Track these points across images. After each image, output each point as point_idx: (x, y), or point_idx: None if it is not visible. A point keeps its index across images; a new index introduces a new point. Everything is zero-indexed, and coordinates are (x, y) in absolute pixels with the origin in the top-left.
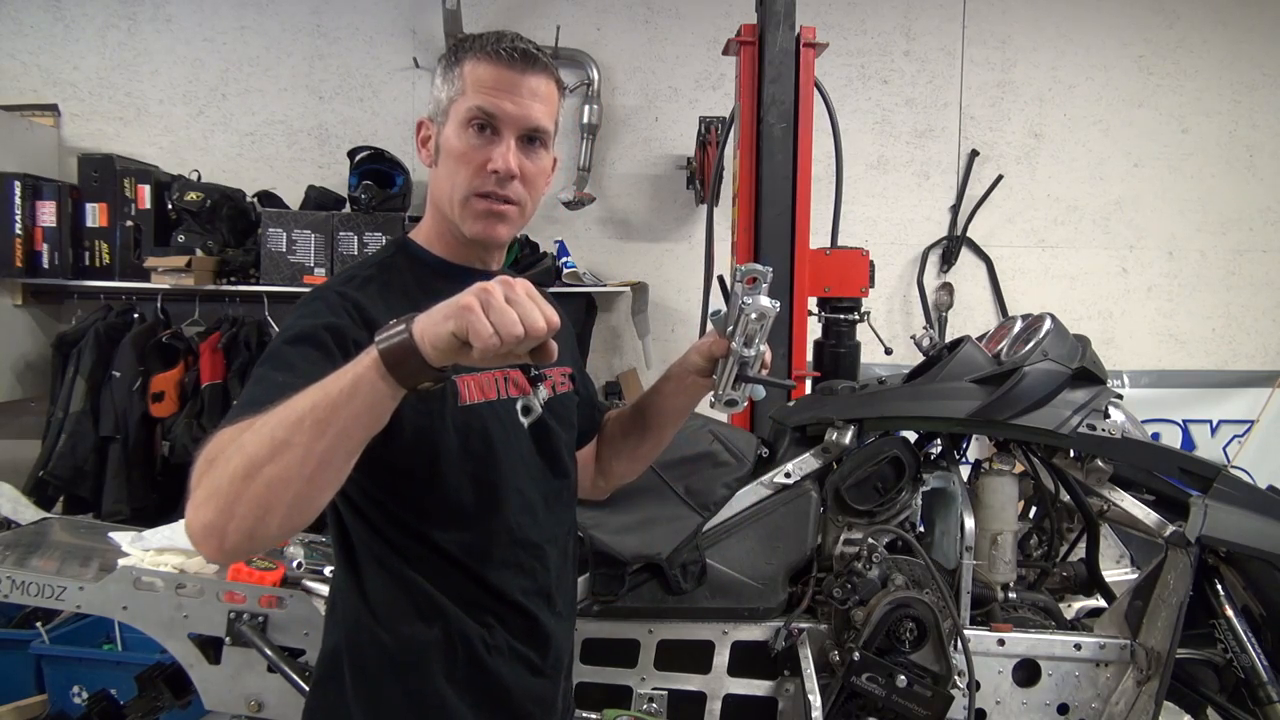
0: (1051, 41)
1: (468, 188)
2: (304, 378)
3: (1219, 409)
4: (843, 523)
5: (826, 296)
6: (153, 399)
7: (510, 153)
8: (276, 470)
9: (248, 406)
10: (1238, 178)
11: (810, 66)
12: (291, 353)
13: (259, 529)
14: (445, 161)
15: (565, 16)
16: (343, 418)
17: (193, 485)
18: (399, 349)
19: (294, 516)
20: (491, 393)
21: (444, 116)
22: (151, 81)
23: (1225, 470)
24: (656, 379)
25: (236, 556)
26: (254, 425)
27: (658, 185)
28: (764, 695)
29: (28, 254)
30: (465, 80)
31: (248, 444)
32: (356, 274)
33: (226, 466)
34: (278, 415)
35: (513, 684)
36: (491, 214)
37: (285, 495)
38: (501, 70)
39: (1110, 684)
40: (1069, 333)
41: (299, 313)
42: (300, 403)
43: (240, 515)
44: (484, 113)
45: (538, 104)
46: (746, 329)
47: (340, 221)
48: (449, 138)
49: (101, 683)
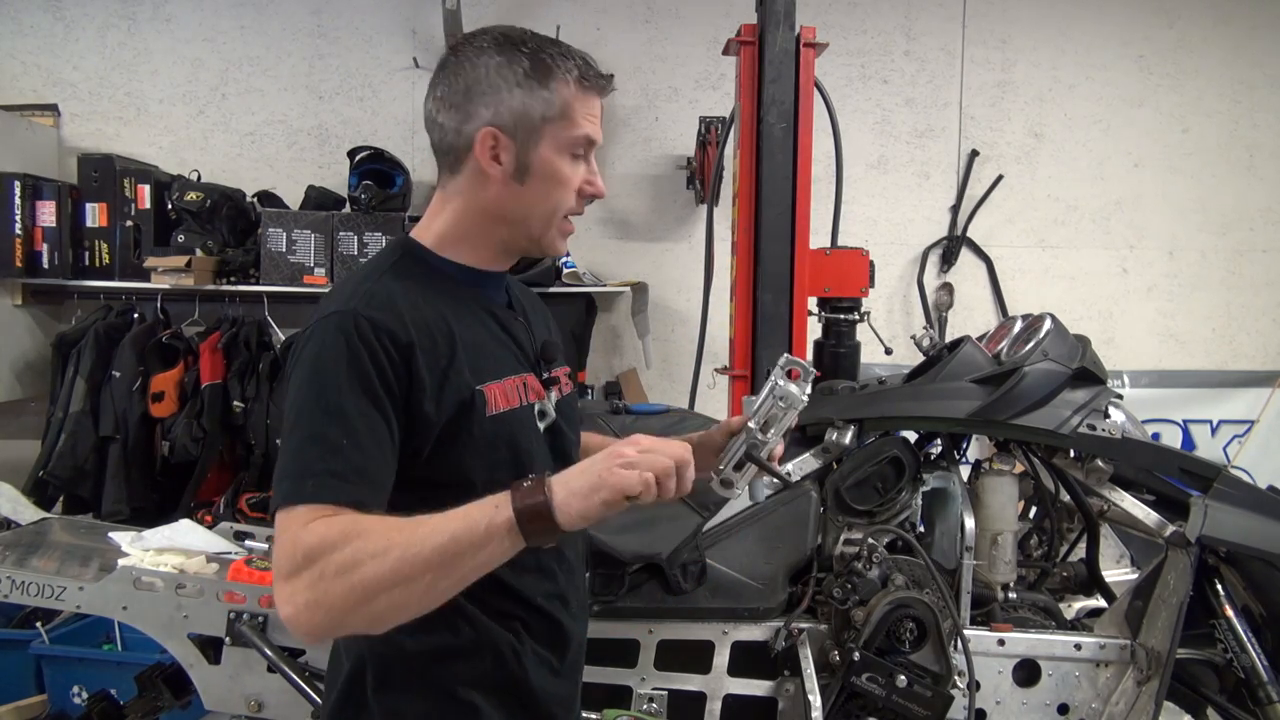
0: (1051, 41)
1: (566, 210)
2: (361, 436)
3: (1219, 409)
4: (843, 523)
5: (826, 296)
6: (153, 399)
7: (597, 175)
8: (398, 599)
9: (321, 476)
10: (1238, 178)
11: (810, 66)
12: (344, 402)
13: (368, 632)
14: (541, 184)
15: (565, 16)
16: (468, 565)
17: (282, 569)
18: (536, 516)
19: (398, 624)
20: (515, 400)
21: (535, 136)
22: (151, 81)
23: (1225, 470)
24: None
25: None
26: (364, 537)
27: (658, 185)
28: (764, 695)
29: (28, 254)
30: (567, 105)
31: (366, 567)
32: (375, 290)
33: (339, 582)
34: (400, 548)
35: (539, 687)
36: (569, 232)
37: (403, 616)
38: (596, 99)
39: (1110, 684)
40: (1069, 333)
41: (331, 342)
42: (426, 541)
43: (352, 625)
44: (591, 141)
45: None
46: (769, 413)
47: (340, 221)
48: (550, 161)
49: (101, 683)
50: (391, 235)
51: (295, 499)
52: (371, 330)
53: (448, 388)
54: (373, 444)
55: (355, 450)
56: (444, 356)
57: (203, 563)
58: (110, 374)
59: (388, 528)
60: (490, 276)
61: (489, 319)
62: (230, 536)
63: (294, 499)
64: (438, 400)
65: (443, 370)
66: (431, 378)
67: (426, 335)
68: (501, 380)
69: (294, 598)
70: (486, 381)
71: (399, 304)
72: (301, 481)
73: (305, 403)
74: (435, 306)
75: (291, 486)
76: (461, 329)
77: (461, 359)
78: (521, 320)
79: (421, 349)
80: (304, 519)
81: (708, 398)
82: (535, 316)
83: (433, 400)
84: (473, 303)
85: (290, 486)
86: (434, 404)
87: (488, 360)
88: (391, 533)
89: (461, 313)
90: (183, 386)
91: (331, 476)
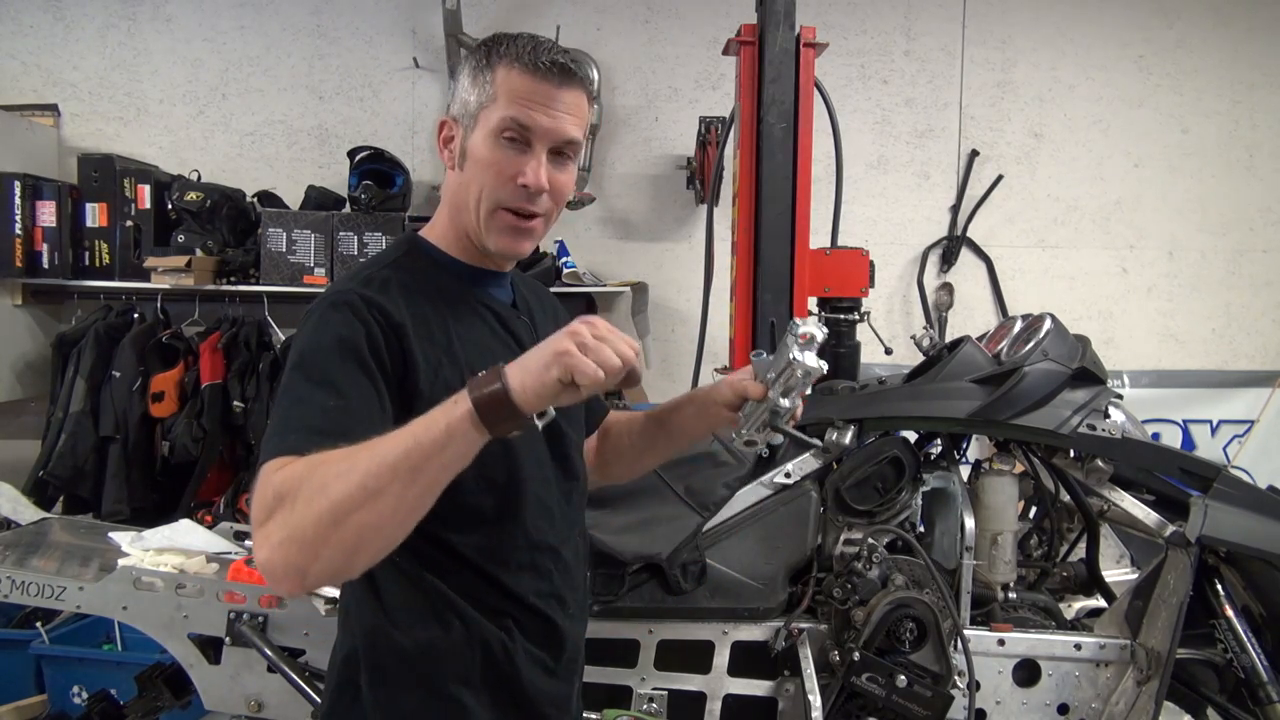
0: (1051, 41)
1: (494, 199)
2: (350, 400)
3: (1219, 409)
4: (843, 523)
5: (826, 296)
6: (153, 399)
7: (541, 167)
8: (368, 517)
9: (303, 432)
10: (1238, 178)
11: (810, 66)
12: (333, 370)
13: (345, 568)
14: (472, 168)
15: (565, 16)
16: (434, 466)
17: (258, 518)
18: (493, 400)
19: (379, 555)
20: None
21: (472, 121)
22: (151, 81)
23: (1225, 470)
24: (678, 396)
25: (315, 590)
26: (329, 463)
27: (658, 185)
28: (764, 695)
29: (28, 254)
30: (498, 88)
31: (332, 488)
32: (374, 275)
33: (309, 509)
34: (364, 461)
35: (531, 686)
36: (517, 230)
37: (375, 539)
38: (538, 82)
39: (1110, 684)
40: (1069, 333)
41: (324, 318)
42: (389, 450)
43: (326, 557)
44: (518, 125)
45: (571, 118)
46: (789, 382)
47: (340, 221)
48: (477, 144)
49: (101, 683)
50: (392, 235)
51: (277, 452)
52: (365, 305)
53: (441, 374)
54: (362, 408)
55: (343, 413)
56: (439, 346)
57: (203, 563)
58: (110, 374)
59: (351, 450)
60: (491, 275)
61: (490, 316)
62: (230, 536)
63: (276, 452)
64: (432, 382)
65: (438, 357)
66: (426, 362)
67: (422, 322)
68: None
69: (269, 538)
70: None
71: (396, 292)
72: (283, 437)
73: (296, 373)
74: (434, 300)
75: (274, 443)
76: (459, 325)
77: (458, 351)
78: (525, 320)
79: (416, 334)
80: (279, 465)
81: None
82: (542, 316)
83: (427, 381)
84: (473, 300)
85: (273, 443)
86: (429, 385)
87: (484, 356)
88: (356, 452)
89: (461, 310)
90: (183, 386)
91: (315, 433)
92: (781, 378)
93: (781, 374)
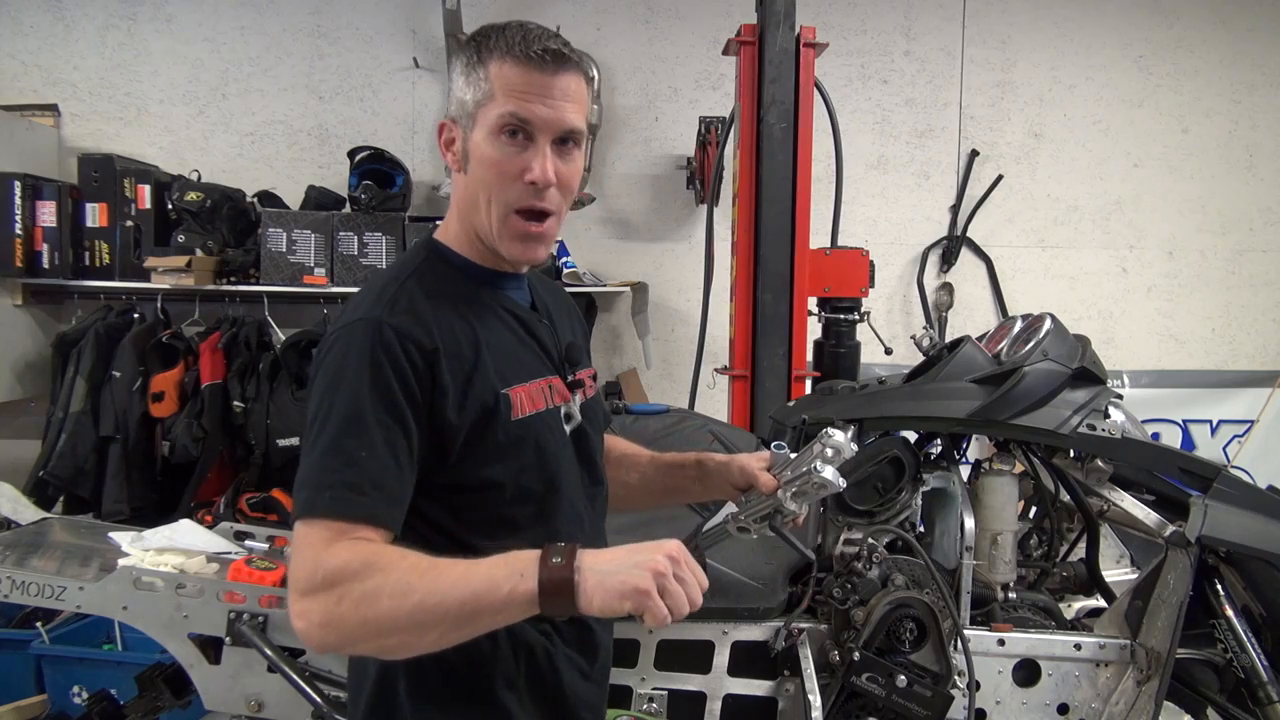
0: (1051, 41)
1: (504, 202)
2: (380, 449)
3: (1219, 409)
4: (843, 523)
5: (826, 296)
6: (153, 399)
7: (547, 160)
8: (410, 639)
9: (338, 488)
10: (1238, 178)
11: (810, 66)
12: (365, 413)
13: (377, 655)
14: (476, 169)
15: (565, 16)
16: (484, 623)
17: (299, 586)
18: (558, 591)
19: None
20: (540, 403)
21: (471, 121)
22: (151, 81)
23: (1225, 470)
24: (687, 454)
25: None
26: (384, 571)
27: (658, 185)
28: (764, 695)
29: (28, 254)
30: (493, 83)
31: (382, 605)
32: (399, 293)
33: (356, 612)
34: (420, 592)
35: (570, 690)
36: (530, 236)
37: (411, 652)
38: (532, 73)
39: (1110, 684)
40: (1069, 333)
41: (354, 349)
42: (447, 592)
43: (363, 649)
44: (517, 119)
45: (570, 105)
46: (802, 487)
47: (340, 221)
48: (479, 144)
49: (101, 683)
50: (391, 235)
51: (313, 511)
52: (396, 339)
53: (471, 393)
54: (390, 456)
55: (373, 462)
56: (468, 361)
57: (203, 563)
58: (110, 374)
59: (410, 568)
60: (508, 277)
61: (513, 321)
62: (230, 536)
63: (312, 511)
64: (461, 405)
65: (467, 375)
66: (455, 383)
67: (451, 339)
68: (527, 384)
69: (308, 614)
70: (512, 385)
71: (423, 308)
72: (319, 492)
73: (327, 411)
74: (460, 309)
75: (310, 497)
76: (486, 332)
77: (486, 362)
78: (546, 322)
79: (446, 354)
80: (326, 537)
81: (708, 398)
82: (560, 317)
83: (456, 406)
84: (495, 305)
85: (309, 496)
86: (457, 410)
87: (512, 363)
88: (414, 576)
89: (486, 316)
90: (183, 386)
91: (348, 489)
92: (796, 481)
93: (798, 478)
